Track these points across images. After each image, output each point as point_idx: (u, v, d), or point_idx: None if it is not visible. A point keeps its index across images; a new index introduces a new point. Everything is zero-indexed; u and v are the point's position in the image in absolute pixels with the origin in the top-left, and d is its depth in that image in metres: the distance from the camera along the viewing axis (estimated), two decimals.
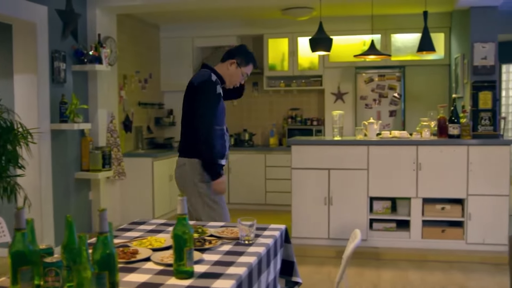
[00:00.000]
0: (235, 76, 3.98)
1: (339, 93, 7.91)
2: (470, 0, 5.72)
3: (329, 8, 6.96)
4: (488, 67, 5.79)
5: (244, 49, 4.08)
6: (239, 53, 3.99)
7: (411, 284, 4.86)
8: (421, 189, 5.64)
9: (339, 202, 5.79)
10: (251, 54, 4.06)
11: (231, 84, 4.04)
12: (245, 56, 4.00)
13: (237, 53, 3.98)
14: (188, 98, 3.86)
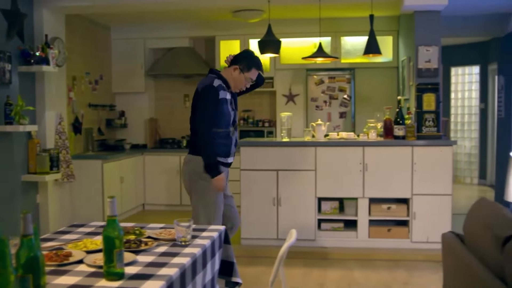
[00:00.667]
0: (239, 80, 4.20)
1: (290, 95, 7.99)
2: (414, 5, 5.83)
3: (279, 11, 7.02)
4: (432, 70, 5.92)
5: (247, 54, 4.27)
6: (242, 59, 4.20)
7: (356, 282, 4.94)
8: (367, 189, 5.74)
9: (287, 203, 5.84)
10: (254, 59, 4.23)
11: (236, 88, 4.26)
12: (248, 61, 4.20)
13: (240, 59, 4.20)
14: (194, 101, 4.17)
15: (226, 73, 4.22)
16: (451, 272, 3.01)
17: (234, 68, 4.19)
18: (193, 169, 4.16)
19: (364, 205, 5.79)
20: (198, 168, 4.11)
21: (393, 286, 4.83)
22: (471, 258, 2.67)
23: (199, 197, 4.18)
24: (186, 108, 8.56)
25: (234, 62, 4.23)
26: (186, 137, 8.27)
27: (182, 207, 7.98)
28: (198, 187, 4.15)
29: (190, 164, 4.19)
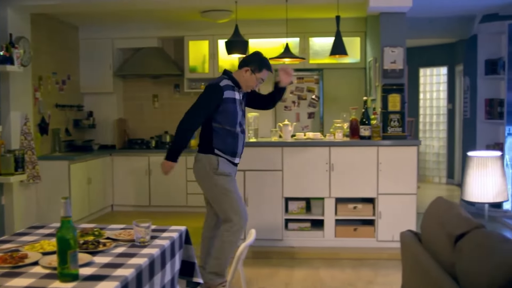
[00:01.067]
0: (250, 81, 4.44)
1: None
2: (380, 7, 5.88)
3: (248, 11, 7.04)
4: (397, 71, 5.99)
5: (257, 56, 4.49)
6: (253, 61, 4.43)
7: (321, 281, 4.98)
8: (334, 189, 5.78)
9: (254, 203, 5.86)
10: (264, 60, 4.49)
11: (248, 88, 4.51)
12: (258, 63, 4.44)
13: (251, 61, 4.43)
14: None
15: (238, 75, 4.45)
16: (408, 271, 3.06)
17: (245, 70, 4.41)
18: (206, 168, 4.36)
19: (330, 205, 5.83)
20: (211, 165, 4.35)
21: (357, 285, 4.87)
22: (427, 256, 2.72)
23: (219, 191, 4.38)
24: (156, 108, 8.54)
25: (245, 64, 4.44)
26: (155, 138, 8.23)
27: (151, 208, 7.95)
28: (216, 183, 4.36)
29: (202, 163, 4.39)
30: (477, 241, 2.31)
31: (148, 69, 8.10)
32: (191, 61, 8.10)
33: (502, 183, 3.36)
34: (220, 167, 4.35)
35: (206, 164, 4.36)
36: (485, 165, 3.34)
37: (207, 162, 4.36)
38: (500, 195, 3.35)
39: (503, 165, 3.42)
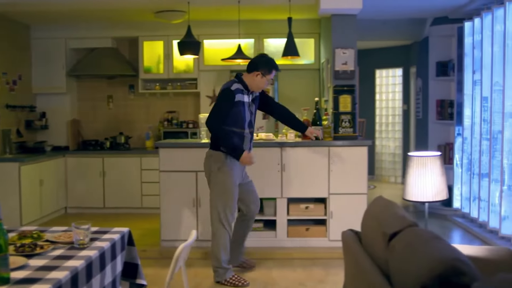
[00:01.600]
0: (261, 84, 4.78)
1: (214, 96, 7.99)
2: (330, 9, 5.94)
3: (202, 12, 7.04)
4: (348, 72, 6.06)
5: (265, 59, 4.83)
6: (262, 64, 4.76)
7: (272, 282, 5.01)
8: (285, 189, 5.82)
9: (207, 203, 5.82)
10: (271, 61, 4.83)
11: (258, 89, 4.85)
12: (267, 65, 4.78)
13: (260, 65, 4.75)
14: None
15: (248, 79, 4.76)
16: (349, 270, 3.10)
17: (256, 74, 4.74)
18: (213, 163, 4.78)
19: (282, 205, 5.87)
20: (218, 162, 4.74)
21: (308, 284, 4.92)
22: (364, 255, 2.76)
23: (217, 187, 4.78)
24: (110, 109, 8.46)
25: (254, 68, 4.75)
26: (110, 139, 8.14)
27: (105, 209, 7.87)
28: (217, 178, 4.76)
29: (211, 159, 4.81)
30: (407, 240, 2.36)
31: (102, 69, 8.02)
32: (146, 61, 8.04)
33: (441, 182, 3.43)
34: (227, 165, 4.74)
35: (215, 160, 4.77)
36: (424, 165, 3.41)
37: (216, 159, 4.77)
38: (439, 194, 3.43)
39: (442, 165, 3.50)
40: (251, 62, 4.87)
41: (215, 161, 4.78)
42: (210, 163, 4.83)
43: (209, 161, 4.85)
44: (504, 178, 5.96)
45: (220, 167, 4.75)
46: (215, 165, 4.78)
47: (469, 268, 1.97)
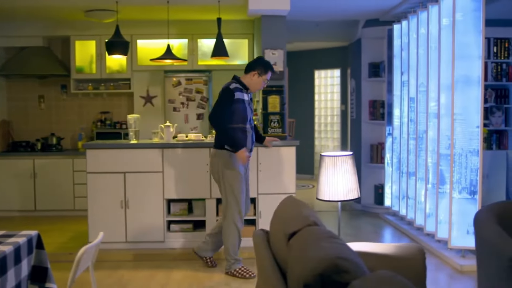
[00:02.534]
0: (257, 84, 5.09)
1: (148, 97, 7.93)
2: (259, 9, 5.98)
3: (135, 12, 6.98)
4: (277, 73, 6.10)
5: (261, 61, 5.14)
6: (259, 65, 5.05)
7: (198, 282, 5.00)
8: (214, 189, 5.80)
9: (136, 205, 5.80)
10: (268, 63, 5.12)
11: (255, 89, 5.17)
12: (264, 66, 5.05)
13: (257, 66, 5.05)
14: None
15: (246, 79, 5.07)
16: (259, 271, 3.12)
17: (253, 74, 5.04)
18: (220, 162, 5.00)
19: (211, 206, 5.87)
20: (224, 160, 4.98)
21: (232, 284, 4.93)
22: (267, 255, 2.78)
23: (227, 184, 5.02)
24: (42, 110, 8.28)
25: (251, 69, 5.05)
26: (41, 140, 7.96)
27: (37, 212, 7.68)
28: (226, 176, 5.00)
29: (217, 158, 5.04)
30: (302, 239, 2.39)
31: (33, 69, 7.82)
32: (78, 61, 7.89)
33: (352, 181, 3.49)
34: (233, 163, 4.97)
35: (221, 159, 4.99)
36: (335, 165, 3.47)
37: (222, 157, 4.99)
38: (351, 193, 3.49)
39: (353, 164, 3.56)
40: (250, 62, 5.21)
41: (221, 160, 5.01)
42: (216, 162, 5.05)
43: (215, 160, 5.07)
44: (429, 176, 6.12)
45: (226, 165, 4.99)
46: (221, 164, 5.01)
47: (353, 266, 2.01)
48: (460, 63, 5.46)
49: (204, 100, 7.76)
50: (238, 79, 5.10)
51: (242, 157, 4.95)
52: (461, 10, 5.46)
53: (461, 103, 5.49)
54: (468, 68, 5.45)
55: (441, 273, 5.29)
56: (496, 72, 7.81)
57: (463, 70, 5.47)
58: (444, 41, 5.71)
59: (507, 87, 7.85)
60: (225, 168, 5.00)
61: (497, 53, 7.82)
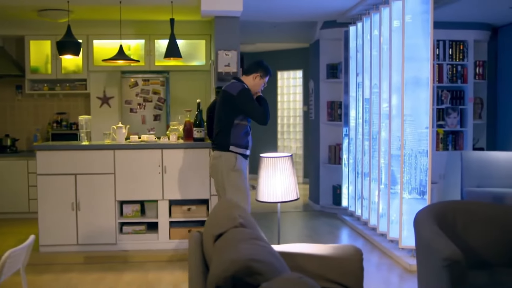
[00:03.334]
0: (258, 85, 5.10)
1: (105, 97, 7.85)
2: (211, 10, 5.94)
3: (90, 12, 6.90)
4: (231, 74, 6.10)
5: (263, 63, 5.17)
6: (261, 67, 5.09)
7: (147, 284, 4.96)
8: (167, 191, 5.79)
9: (87, 207, 5.74)
10: (268, 66, 5.19)
11: (254, 91, 5.11)
12: (265, 69, 5.12)
13: (259, 68, 5.08)
14: (222, 103, 4.98)
15: (247, 80, 5.07)
16: (188, 272, 3.10)
17: (255, 76, 5.07)
18: (224, 164, 4.90)
19: (164, 207, 5.84)
20: (229, 162, 4.89)
21: (182, 286, 4.90)
22: (196, 257, 2.77)
23: (234, 186, 4.90)
24: None
25: (254, 71, 5.07)
26: None
27: None
28: (231, 178, 4.90)
29: (221, 160, 4.92)
30: (225, 241, 2.39)
31: None
32: (33, 61, 7.76)
33: (291, 182, 3.50)
34: (238, 164, 4.90)
35: (224, 161, 4.91)
36: (274, 166, 3.47)
37: (225, 160, 4.91)
38: (289, 194, 3.50)
39: (292, 166, 3.57)
40: (251, 65, 5.17)
41: (225, 162, 4.91)
42: (220, 164, 4.94)
43: (218, 162, 4.95)
44: (381, 177, 6.17)
45: (232, 167, 4.90)
46: (226, 166, 4.91)
47: (267, 268, 2.01)
48: (410, 65, 5.53)
49: (161, 101, 7.71)
50: (240, 80, 5.08)
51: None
52: (411, 12, 5.52)
53: (411, 104, 5.55)
54: (417, 70, 5.51)
55: (392, 273, 5.34)
56: (451, 73, 7.93)
57: (412, 71, 5.53)
58: (395, 43, 5.77)
59: (462, 88, 7.97)
60: (230, 170, 4.90)
61: (453, 55, 7.95)
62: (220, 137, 4.97)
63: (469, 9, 7.02)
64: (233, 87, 4.98)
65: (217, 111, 5.06)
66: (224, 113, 4.96)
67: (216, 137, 5.02)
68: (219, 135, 4.98)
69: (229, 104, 4.93)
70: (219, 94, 5.10)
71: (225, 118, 4.95)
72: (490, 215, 3.92)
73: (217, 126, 5.02)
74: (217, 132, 5.02)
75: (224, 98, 4.98)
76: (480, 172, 7.29)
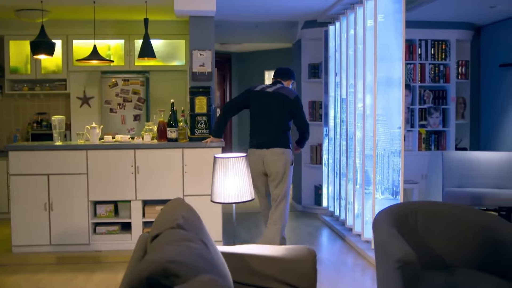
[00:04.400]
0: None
1: (85, 98, 7.83)
2: (186, 10, 5.92)
3: (68, 12, 6.88)
4: (205, 74, 6.09)
5: (293, 71, 5.91)
6: (294, 76, 5.90)
7: (116, 285, 4.94)
8: (140, 191, 5.78)
9: (60, 207, 5.72)
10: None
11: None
12: (295, 77, 5.97)
13: (293, 76, 5.89)
14: (284, 106, 5.53)
15: (287, 85, 5.78)
16: None
17: (291, 82, 5.85)
18: (287, 159, 5.49)
19: (137, 207, 5.82)
20: (290, 157, 5.53)
21: None
22: (137, 258, 2.75)
23: (289, 177, 5.57)
24: None
25: (291, 77, 5.85)
26: None
27: None
28: (290, 171, 5.56)
29: (285, 155, 5.48)
30: (158, 242, 2.37)
31: None
32: (13, 61, 7.73)
33: (245, 183, 3.48)
34: (293, 160, 5.62)
35: (288, 157, 5.50)
36: (227, 167, 3.45)
37: (288, 155, 5.52)
38: (244, 195, 3.48)
39: (247, 166, 3.55)
40: (288, 71, 5.84)
41: (288, 157, 5.51)
42: (284, 160, 5.47)
43: (283, 158, 5.46)
44: (357, 177, 6.15)
45: (291, 162, 5.56)
46: (288, 161, 5.50)
47: (185, 270, 1.99)
48: (382, 65, 5.51)
49: (141, 101, 7.69)
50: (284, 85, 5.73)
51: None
52: (383, 12, 5.50)
53: (384, 104, 5.53)
54: (390, 70, 5.49)
55: (366, 275, 5.31)
56: (433, 73, 7.92)
57: (385, 71, 5.51)
58: (368, 43, 5.75)
59: (445, 88, 7.96)
60: (290, 164, 5.54)
61: (435, 55, 7.94)
62: (282, 136, 5.52)
63: (451, 9, 7.01)
64: (287, 91, 5.61)
65: (275, 112, 5.51)
66: (285, 114, 5.52)
67: (276, 136, 5.49)
68: (280, 134, 5.51)
69: (287, 107, 5.51)
70: (270, 96, 5.54)
71: (285, 119, 5.53)
72: (451, 215, 3.90)
73: (277, 125, 5.51)
74: (278, 131, 5.50)
75: (283, 101, 5.51)
76: (461, 172, 7.28)
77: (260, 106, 5.55)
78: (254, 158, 5.48)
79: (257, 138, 5.54)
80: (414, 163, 7.84)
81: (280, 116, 5.50)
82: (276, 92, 5.53)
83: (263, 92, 5.59)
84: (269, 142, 5.46)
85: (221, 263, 2.62)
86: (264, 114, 5.53)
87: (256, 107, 5.58)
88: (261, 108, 5.54)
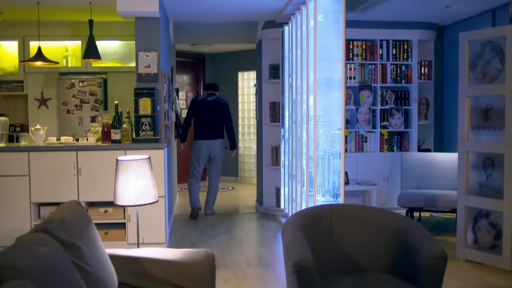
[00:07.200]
0: None
1: (42, 99, 7.82)
2: (128, 11, 5.86)
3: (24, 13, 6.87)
4: (151, 75, 6.06)
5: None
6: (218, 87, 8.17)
7: None
8: (83, 193, 5.75)
9: (0, 210, 5.70)
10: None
11: None
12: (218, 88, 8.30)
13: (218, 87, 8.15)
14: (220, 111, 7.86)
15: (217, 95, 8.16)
16: None
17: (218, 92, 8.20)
18: (222, 146, 7.88)
19: None
20: (224, 146, 7.91)
21: None
22: None
23: (221, 160, 7.92)
24: None
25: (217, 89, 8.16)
26: None
27: None
28: (222, 155, 7.90)
29: (219, 143, 7.83)
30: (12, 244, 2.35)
31: None
32: None
33: (146, 185, 3.46)
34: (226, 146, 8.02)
35: (222, 145, 7.88)
36: (127, 169, 3.43)
37: (222, 144, 7.88)
38: (144, 197, 3.46)
39: (150, 168, 3.53)
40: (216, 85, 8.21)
41: (223, 145, 7.90)
42: (220, 147, 7.83)
43: (220, 145, 7.83)
44: (303, 179, 6.11)
45: (224, 149, 7.96)
46: (223, 148, 7.90)
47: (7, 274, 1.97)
48: (323, 65, 5.47)
49: (98, 103, 7.67)
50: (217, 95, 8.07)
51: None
52: (323, 11, 5.47)
53: (324, 105, 5.50)
54: (330, 70, 5.46)
55: None
56: (395, 74, 7.89)
57: (325, 72, 5.48)
58: (311, 43, 5.71)
59: (407, 89, 7.93)
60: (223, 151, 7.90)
61: (396, 55, 7.90)
62: (220, 131, 7.84)
63: (408, 8, 6.97)
64: (221, 100, 7.95)
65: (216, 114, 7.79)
66: (224, 116, 7.83)
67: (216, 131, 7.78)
68: (219, 130, 7.83)
69: (224, 111, 7.83)
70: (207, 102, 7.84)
71: (223, 119, 7.84)
72: (366, 218, 3.86)
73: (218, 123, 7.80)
74: (218, 128, 7.81)
75: (221, 106, 7.85)
76: (419, 174, 7.25)
77: (204, 110, 7.77)
78: (203, 146, 7.69)
79: (204, 132, 7.72)
80: (376, 165, 7.81)
81: (219, 116, 7.84)
82: (214, 101, 7.87)
83: (205, 101, 7.83)
84: (207, 135, 7.71)
85: (99, 267, 2.61)
86: (208, 116, 7.75)
87: (202, 111, 7.78)
88: (205, 111, 7.77)
